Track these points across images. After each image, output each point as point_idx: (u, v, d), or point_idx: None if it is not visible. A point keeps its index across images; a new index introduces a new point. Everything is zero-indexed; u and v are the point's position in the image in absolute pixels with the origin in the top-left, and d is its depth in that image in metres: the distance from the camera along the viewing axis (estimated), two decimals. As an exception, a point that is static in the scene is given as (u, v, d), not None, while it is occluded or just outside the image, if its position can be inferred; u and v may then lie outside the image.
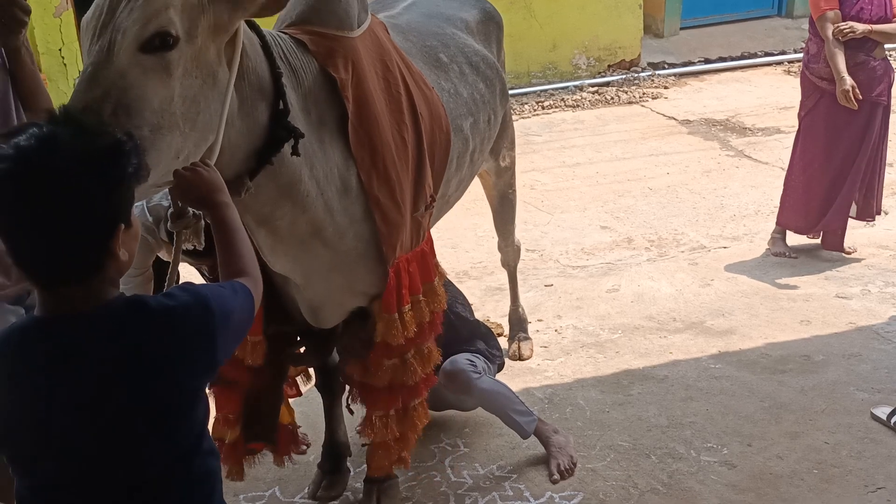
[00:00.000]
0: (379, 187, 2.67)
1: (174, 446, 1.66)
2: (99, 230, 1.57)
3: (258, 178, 2.33)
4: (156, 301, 1.65)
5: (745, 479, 3.35)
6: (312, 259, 2.68)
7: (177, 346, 1.62)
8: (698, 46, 9.74)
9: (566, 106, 8.47)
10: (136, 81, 1.92)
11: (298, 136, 2.35)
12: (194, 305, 1.65)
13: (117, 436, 1.60)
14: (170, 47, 1.95)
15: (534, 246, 5.50)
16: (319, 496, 3.34)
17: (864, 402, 3.78)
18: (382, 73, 2.76)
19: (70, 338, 1.58)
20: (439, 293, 3.03)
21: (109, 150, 1.57)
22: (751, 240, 5.51)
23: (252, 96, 2.26)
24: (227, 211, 1.93)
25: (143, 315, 1.61)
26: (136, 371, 1.59)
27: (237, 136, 2.23)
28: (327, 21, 2.59)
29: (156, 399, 1.61)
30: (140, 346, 1.60)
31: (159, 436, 1.64)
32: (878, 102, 4.99)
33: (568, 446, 3.47)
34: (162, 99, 1.94)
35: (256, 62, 2.28)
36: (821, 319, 4.51)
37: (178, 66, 1.97)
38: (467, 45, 3.45)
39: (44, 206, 1.52)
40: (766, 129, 7.54)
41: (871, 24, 4.82)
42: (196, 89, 2.02)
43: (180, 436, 1.66)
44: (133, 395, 1.59)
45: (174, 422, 1.65)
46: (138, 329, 1.60)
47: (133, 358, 1.59)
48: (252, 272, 1.87)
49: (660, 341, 4.36)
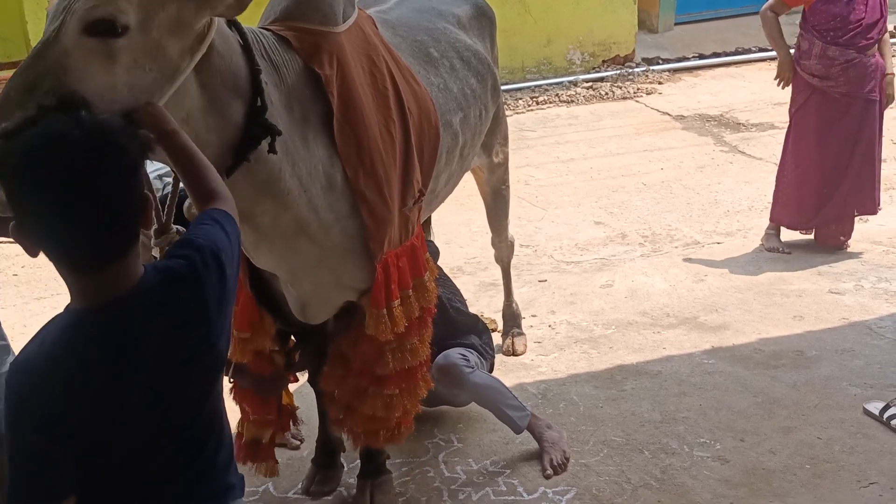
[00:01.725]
0: (365, 183, 2.66)
1: (217, 395, 1.78)
2: (137, 203, 1.63)
3: (235, 175, 2.32)
4: (179, 265, 1.71)
5: (737, 474, 3.35)
6: (298, 255, 2.67)
7: (208, 298, 1.72)
8: (692, 42, 9.75)
9: (560, 101, 8.47)
10: (77, 63, 1.92)
11: (275, 134, 2.33)
12: (208, 256, 1.73)
13: (180, 402, 1.70)
14: (117, 35, 1.94)
15: (528, 241, 5.50)
16: (313, 491, 3.34)
17: (857, 397, 3.79)
18: (369, 68, 2.75)
19: (123, 319, 1.62)
20: (429, 289, 3.01)
21: (130, 125, 1.64)
22: (744, 235, 5.52)
23: (223, 94, 2.23)
24: (179, 137, 1.93)
25: (178, 283, 1.69)
26: (185, 336, 1.68)
27: (207, 132, 2.20)
28: (311, 17, 2.58)
29: (206, 353, 1.72)
30: (184, 311, 1.69)
31: (211, 390, 1.76)
32: (870, 99, 5.00)
33: (561, 441, 3.48)
34: (103, 85, 1.93)
35: (232, 59, 2.26)
36: (814, 315, 4.51)
37: (124, 54, 1.95)
38: (459, 40, 3.44)
39: (96, 185, 1.55)
40: (759, 125, 7.55)
41: (856, 30, 4.84)
42: (149, 82, 2.00)
43: (220, 383, 1.79)
44: (188, 358, 1.69)
45: (218, 371, 1.78)
46: (178, 296, 1.68)
47: (181, 324, 1.68)
48: (221, 190, 1.91)
49: (653, 337, 4.37)
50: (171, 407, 1.69)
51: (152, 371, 1.64)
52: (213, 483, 1.78)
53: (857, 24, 4.87)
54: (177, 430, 1.71)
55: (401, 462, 3.47)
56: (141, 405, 1.64)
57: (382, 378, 2.95)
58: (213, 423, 1.78)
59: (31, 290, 5.07)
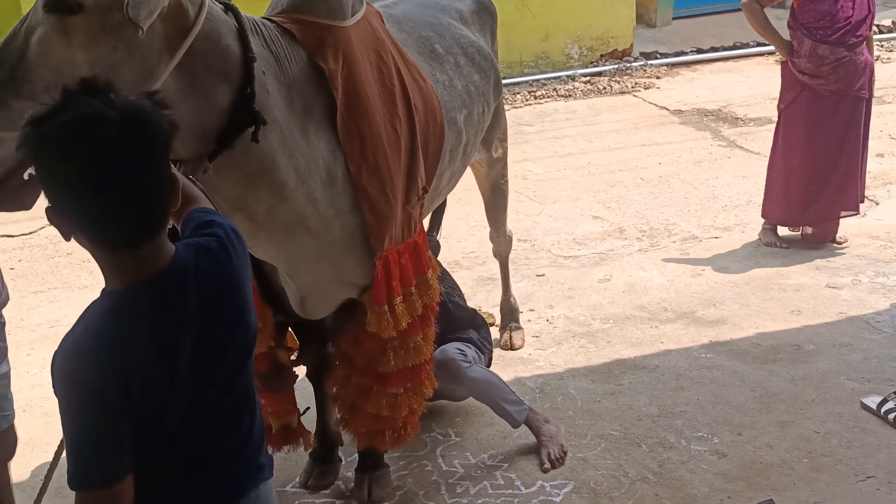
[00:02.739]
0: (368, 179, 2.65)
1: (249, 371, 1.83)
2: (169, 181, 1.67)
3: (221, 161, 2.31)
4: (208, 241, 1.77)
5: (735, 468, 3.36)
6: (297, 248, 2.67)
7: (239, 272, 1.79)
8: (690, 36, 9.74)
9: (558, 96, 8.46)
10: (39, 38, 2.04)
11: (260, 123, 2.33)
12: (230, 231, 1.81)
13: (219, 375, 1.74)
14: (73, 12, 2.01)
15: (526, 236, 5.50)
16: (311, 485, 3.34)
17: (855, 391, 3.80)
18: (376, 63, 2.74)
19: (165, 294, 1.66)
20: (432, 286, 3.01)
21: (159, 105, 1.67)
22: (742, 230, 5.52)
23: (207, 77, 2.24)
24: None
25: (211, 257, 1.74)
26: (222, 308, 1.73)
27: (187, 112, 2.20)
28: (318, 10, 2.57)
29: (240, 326, 1.77)
30: (219, 284, 1.74)
31: (244, 366, 1.80)
32: (860, 96, 5.02)
33: (558, 435, 3.48)
34: (60, 60, 2.03)
35: (219, 44, 2.25)
36: (811, 309, 4.52)
37: (78, 32, 2.02)
38: (462, 35, 3.44)
39: (138, 164, 1.59)
40: (757, 120, 7.55)
41: (846, 27, 4.84)
42: (116, 60, 2.06)
43: (251, 360, 1.84)
44: (225, 331, 1.74)
45: (251, 346, 1.83)
46: (212, 270, 1.73)
47: (217, 297, 1.73)
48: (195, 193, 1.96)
49: (651, 331, 4.37)
50: (213, 380, 1.73)
51: (196, 343, 1.68)
52: (245, 461, 1.82)
53: (846, 21, 4.88)
54: (216, 404, 1.75)
55: (398, 456, 3.47)
56: (187, 378, 1.68)
57: (386, 376, 2.95)
58: (247, 400, 1.82)
59: (27, 285, 5.07)
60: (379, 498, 3.22)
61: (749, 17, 5.11)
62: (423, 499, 3.26)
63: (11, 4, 7.34)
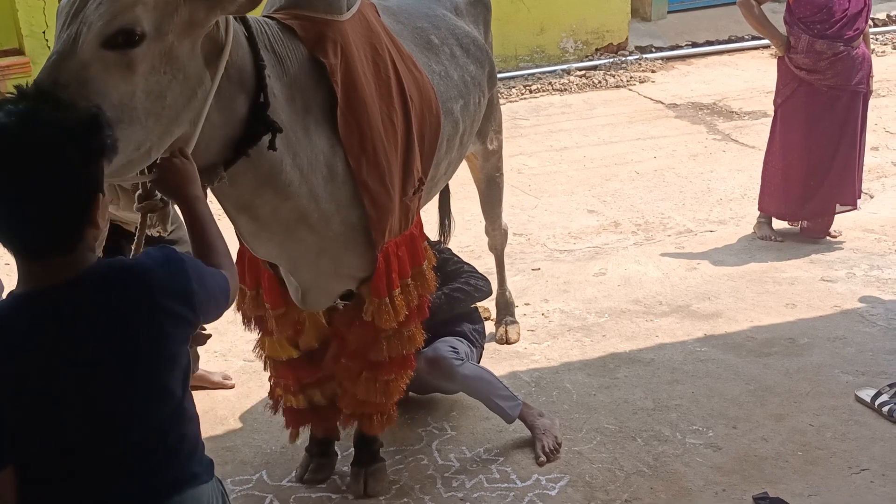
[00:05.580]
0: (368, 172, 2.66)
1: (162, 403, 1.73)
2: (83, 200, 1.63)
3: (236, 168, 2.33)
4: (135, 262, 1.72)
5: (730, 461, 3.37)
6: (298, 244, 2.68)
7: (160, 301, 1.69)
8: (685, 30, 9.74)
9: (553, 90, 8.46)
10: (96, 76, 1.91)
11: (276, 131, 2.34)
12: (173, 262, 1.73)
13: (113, 393, 1.67)
14: (134, 44, 1.94)
15: (521, 230, 5.50)
16: (307, 480, 3.34)
17: (849, 384, 3.81)
18: (372, 56, 2.74)
19: (65, 305, 1.63)
20: (428, 277, 3.04)
21: (89, 123, 1.63)
22: (737, 223, 5.53)
23: (230, 89, 2.24)
24: (199, 206, 1.97)
25: (127, 276, 1.69)
26: (126, 329, 1.66)
27: (212, 128, 2.21)
28: (316, 5, 2.57)
29: (146, 353, 1.69)
30: (128, 305, 1.67)
31: (168, 390, 1.73)
32: (858, 91, 5.02)
33: (553, 428, 3.49)
34: (122, 94, 1.94)
35: (239, 55, 2.27)
36: (806, 303, 4.53)
37: (142, 62, 1.96)
38: (458, 26, 3.44)
39: (32, 178, 1.57)
40: (752, 113, 7.55)
41: (842, 20, 4.84)
42: (164, 85, 2.01)
43: (167, 393, 1.74)
44: (126, 351, 1.67)
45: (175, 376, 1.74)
46: (124, 289, 1.67)
47: (123, 317, 1.66)
48: (227, 267, 1.92)
49: (646, 325, 4.38)
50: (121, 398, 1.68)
51: (92, 358, 1.65)
52: (175, 471, 1.78)
53: (843, 14, 4.87)
54: (131, 423, 1.70)
55: (394, 450, 3.47)
56: (72, 390, 1.64)
57: (377, 364, 2.97)
58: (176, 420, 1.77)
59: (23, 280, 5.06)
60: (375, 492, 3.23)
61: (746, 14, 5.10)
62: (418, 492, 3.27)
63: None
